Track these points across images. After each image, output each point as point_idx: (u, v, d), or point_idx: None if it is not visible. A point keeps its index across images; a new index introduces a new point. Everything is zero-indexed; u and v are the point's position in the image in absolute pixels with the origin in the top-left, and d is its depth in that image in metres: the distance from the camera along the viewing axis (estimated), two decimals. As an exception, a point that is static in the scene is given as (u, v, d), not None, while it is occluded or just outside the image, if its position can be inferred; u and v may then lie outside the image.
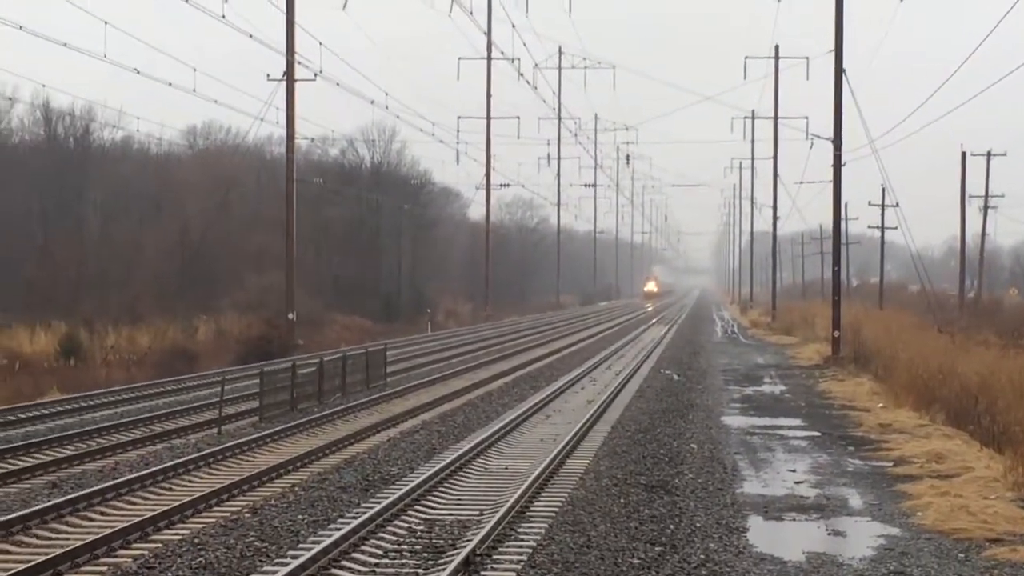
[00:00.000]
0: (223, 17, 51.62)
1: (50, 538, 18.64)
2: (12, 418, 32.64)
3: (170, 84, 52.52)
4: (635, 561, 17.41)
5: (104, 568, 16.74)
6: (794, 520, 20.98)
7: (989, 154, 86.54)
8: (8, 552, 17.74)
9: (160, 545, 18.09)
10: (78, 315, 59.24)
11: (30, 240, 77.56)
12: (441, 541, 18.46)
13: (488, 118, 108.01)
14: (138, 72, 50.79)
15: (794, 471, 25.98)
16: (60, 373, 45.17)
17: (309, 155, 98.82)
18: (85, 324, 55.46)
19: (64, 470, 24.79)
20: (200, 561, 17.12)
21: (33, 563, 16.29)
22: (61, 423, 32.52)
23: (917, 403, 36.13)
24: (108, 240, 78.89)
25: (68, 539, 18.36)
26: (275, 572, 16.08)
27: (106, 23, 47.35)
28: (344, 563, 17.10)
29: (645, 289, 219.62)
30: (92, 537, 17.94)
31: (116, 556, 17.43)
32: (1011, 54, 50.54)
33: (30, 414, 33.69)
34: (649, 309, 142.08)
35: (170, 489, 22.71)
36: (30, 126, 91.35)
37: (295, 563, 16.39)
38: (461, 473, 24.58)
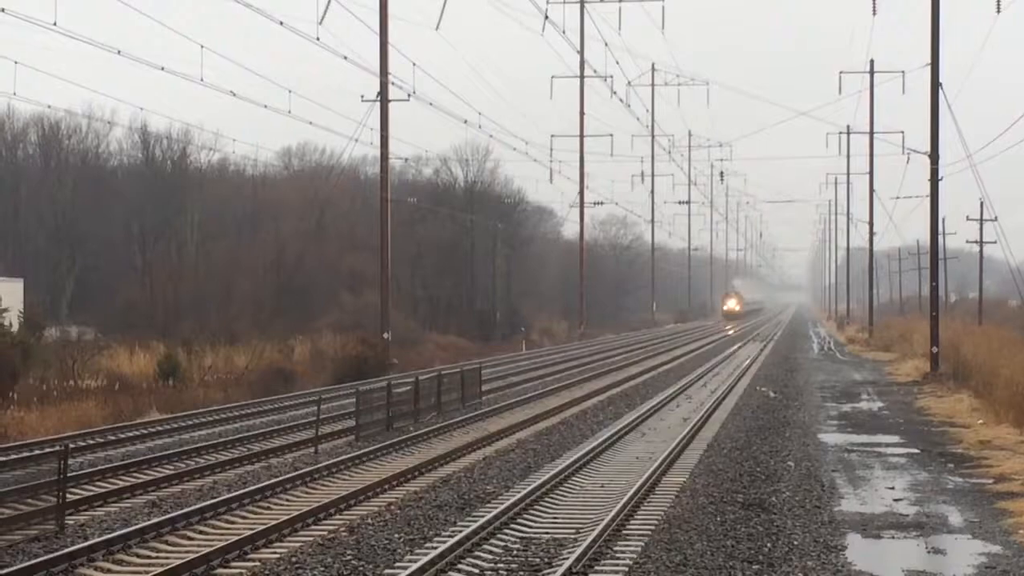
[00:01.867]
0: (318, 39, 52.12)
1: (150, 557, 18.82)
2: (112, 438, 33.04)
3: (265, 106, 53.04)
4: (732, 580, 17.33)
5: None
6: (893, 538, 20.77)
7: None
8: (109, 571, 17.95)
9: (258, 563, 18.20)
10: (176, 336, 59.86)
11: (129, 262, 78.56)
12: (537, 560, 18.44)
13: (581, 136, 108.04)
14: (234, 95, 51.24)
15: (893, 488, 25.75)
16: (158, 393, 45.61)
17: (403, 175, 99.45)
18: (183, 345, 55.99)
19: (164, 489, 25.03)
20: None
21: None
22: (160, 443, 32.84)
23: (1018, 419, 35.66)
24: (205, 261, 79.82)
25: (168, 558, 18.53)
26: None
27: (202, 47, 47.89)
28: (441, 581, 17.13)
29: (724, 308, 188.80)
30: (192, 556, 18.07)
31: (216, 575, 17.58)
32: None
33: (130, 434, 34.07)
34: (730, 333, 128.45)
35: (268, 508, 22.86)
36: (128, 149, 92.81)
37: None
38: (557, 492, 24.54)
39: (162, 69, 47.85)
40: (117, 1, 45.30)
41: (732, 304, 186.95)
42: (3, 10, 40.04)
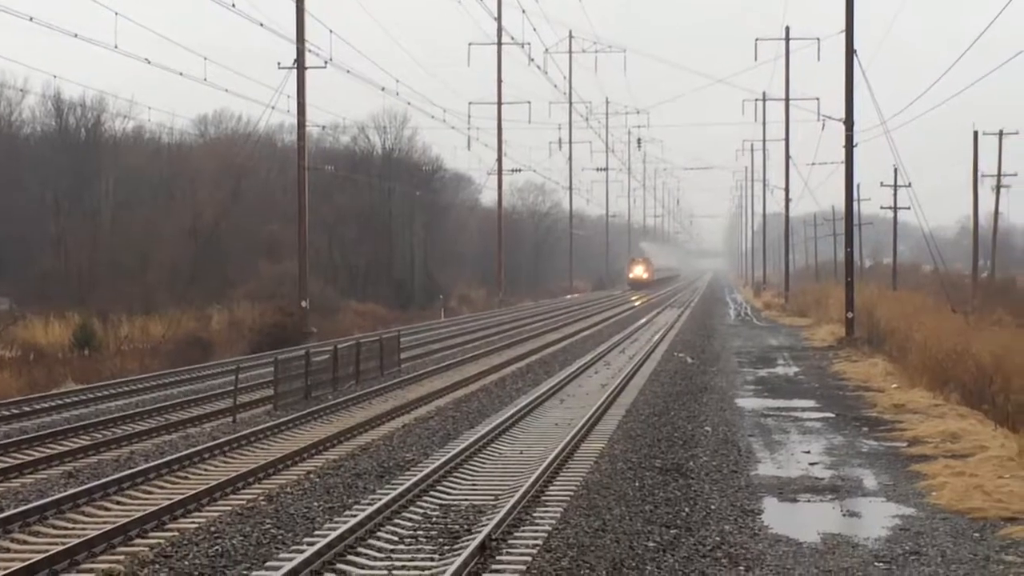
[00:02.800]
0: (233, 6, 51.73)
1: (67, 528, 18.69)
2: (28, 409, 32.75)
3: (181, 74, 52.54)
4: (650, 544, 17.43)
5: (121, 557, 16.78)
6: (809, 501, 20.99)
7: (1001, 133, 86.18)
8: (26, 542, 17.81)
9: (177, 534, 18.12)
10: (92, 306, 59.36)
11: (43, 231, 77.67)
12: (456, 527, 18.48)
13: (499, 103, 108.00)
14: (149, 62, 50.77)
15: (808, 452, 26.00)
16: (74, 364, 45.25)
17: (320, 143, 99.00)
18: (99, 315, 55.54)
19: (80, 460, 24.85)
20: (216, 549, 17.17)
21: (51, 552, 16.35)
22: (76, 413, 32.59)
23: (931, 383, 36.12)
24: (121, 230, 79.07)
25: (85, 529, 18.41)
26: (291, 559, 16.09)
27: (116, 13, 47.39)
28: (360, 549, 17.13)
29: (630, 275, 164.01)
30: (109, 527, 17.98)
31: (133, 545, 17.47)
32: (1023, 32, 50.45)
33: (45, 405, 33.76)
34: (637, 303, 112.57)
35: (186, 478, 22.76)
36: (42, 117, 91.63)
37: (311, 550, 16.41)
38: (476, 459, 24.60)
39: (75, 36, 47.31)
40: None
41: (639, 271, 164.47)
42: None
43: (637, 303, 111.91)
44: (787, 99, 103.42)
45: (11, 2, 43.24)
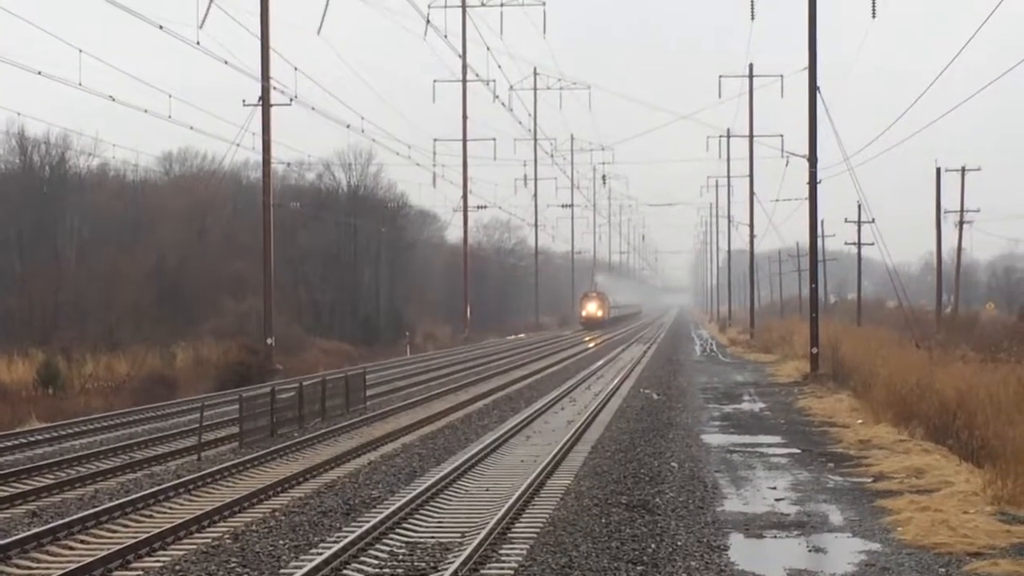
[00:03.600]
0: (198, 44, 51.75)
1: (31, 567, 18.60)
2: (-9, 449, 32.58)
3: (145, 111, 52.50)
4: (617, 581, 17.43)
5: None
6: (775, 537, 20.99)
7: (964, 169, 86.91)
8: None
9: (141, 572, 18.07)
10: (55, 343, 59.12)
11: (6, 269, 77.37)
12: (423, 564, 18.44)
13: (464, 140, 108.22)
14: (113, 99, 50.73)
15: (774, 488, 26.02)
16: (38, 402, 45.04)
17: (286, 180, 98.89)
18: (63, 352, 55.33)
19: (44, 499, 24.72)
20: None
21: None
22: (40, 452, 32.42)
23: (896, 419, 36.19)
24: (85, 268, 78.79)
25: (49, 569, 18.32)
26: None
27: (80, 51, 47.39)
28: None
29: (583, 314, 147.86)
30: (73, 566, 17.89)
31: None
32: (983, 69, 50.79)
33: (9, 443, 33.56)
34: (602, 341, 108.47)
35: (151, 516, 22.65)
36: (5, 154, 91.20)
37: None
38: (442, 496, 24.57)
39: (39, 73, 47.25)
40: (-2, 8, 44.70)
41: (592, 308, 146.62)
42: None
43: (601, 341, 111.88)
44: (751, 136, 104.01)
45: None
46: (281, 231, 70.42)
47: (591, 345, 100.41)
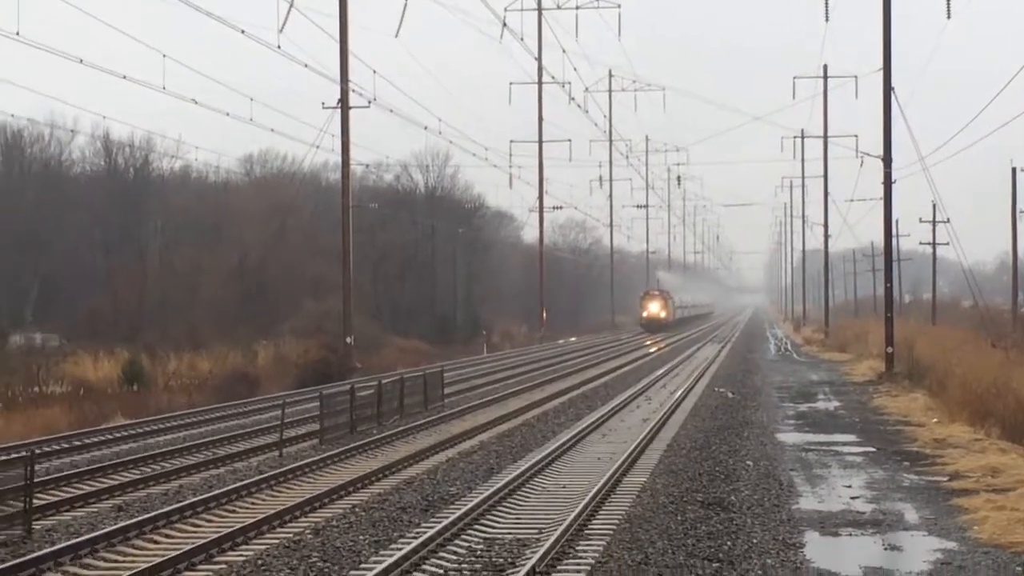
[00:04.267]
0: (279, 48, 52.10)
1: (117, 561, 18.76)
2: (78, 443, 32.92)
3: (227, 114, 52.90)
4: (693, 578, 17.40)
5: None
6: (851, 535, 20.87)
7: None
8: (76, 575, 17.90)
9: (224, 566, 18.17)
10: (140, 342, 59.67)
11: (92, 269, 78.18)
12: (501, 560, 18.45)
13: (540, 142, 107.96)
14: (196, 103, 51.14)
15: (850, 487, 25.86)
16: (123, 399, 45.48)
17: (364, 181, 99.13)
18: (147, 351, 55.85)
19: (130, 494, 24.96)
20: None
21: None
22: (125, 448, 32.73)
23: (971, 418, 35.89)
24: (168, 268, 79.54)
25: (135, 562, 18.46)
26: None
27: (164, 55, 47.81)
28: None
29: (643, 315, 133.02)
30: (158, 559, 18.03)
31: (182, 578, 17.56)
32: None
33: (95, 439, 33.95)
34: (678, 340, 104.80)
35: (233, 512, 22.81)
36: (91, 157, 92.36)
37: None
38: (519, 492, 24.56)
39: (124, 78, 47.71)
40: (79, 11, 45.15)
41: (655, 308, 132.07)
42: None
43: (676, 340, 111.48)
44: (825, 136, 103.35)
45: (62, 44, 43.64)
46: (360, 232, 70.66)
47: (665, 346, 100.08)
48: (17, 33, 39.12)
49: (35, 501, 21.54)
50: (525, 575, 16.71)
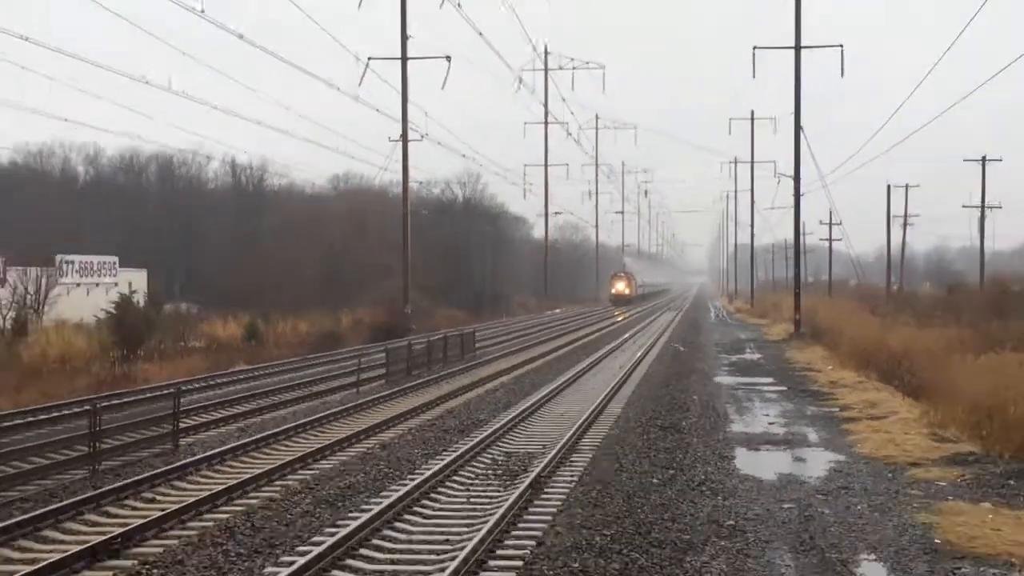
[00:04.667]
0: (358, 98, 52.26)
1: (240, 467, 18.88)
2: (212, 382, 33.03)
3: (321, 146, 53.14)
4: (655, 480, 17.42)
5: (279, 488, 16.92)
6: (768, 450, 20.91)
7: (907, 187, 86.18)
8: (212, 477, 17.99)
9: (318, 471, 18.27)
10: (256, 309, 59.66)
11: (222, 257, 78.29)
12: (516, 467, 18.53)
13: (546, 165, 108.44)
14: (295, 136, 51.19)
15: (768, 415, 25.89)
16: (244, 351, 45.54)
17: (418, 193, 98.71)
18: (262, 316, 55.81)
19: (249, 419, 25.08)
20: (346, 483, 17.28)
21: (230, 484, 16.55)
22: (246, 386, 32.81)
23: (857, 365, 35.92)
24: (278, 256, 79.47)
25: (253, 468, 18.58)
26: (398, 490, 16.17)
27: (278, 103, 48.03)
28: (448, 483, 17.20)
29: (612, 291, 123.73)
30: (270, 466, 18.14)
31: (286, 480, 17.63)
32: (929, 106, 49.82)
33: (224, 380, 34.05)
34: (646, 307, 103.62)
35: (324, 432, 22.90)
36: (221, 176, 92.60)
37: (413, 483, 16.52)
38: (530, 419, 24.63)
39: (257, 122, 48.18)
40: (218, 73, 45.53)
41: (620, 286, 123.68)
42: (145, 81, 40.33)
43: (642, 309, 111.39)
44: (752, 161, 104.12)
45: (197, 91, 43.91)
46: (414, 230, 70.50)
47: (638, 311, 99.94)
48: (170, 86, 39.25)
49: (181, 424, 21.68)
50: (533, 479, 16.75)
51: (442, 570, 12.17)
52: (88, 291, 57.92)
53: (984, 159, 71.62)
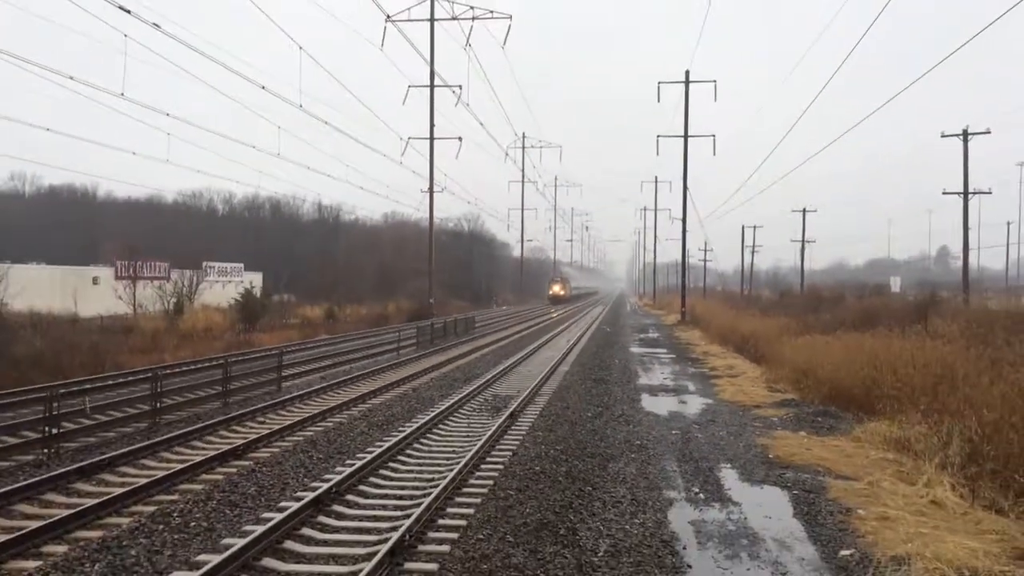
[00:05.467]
0: (400, 163, 52.07)
1: (320, 403, 18.80)
2: (302, 348, 32.85)
3: (377, 194, 52.86)
4: (589, 414, 17.42)
5: (345, 416, 16.87)
6: (663, 396, 20.91)
7: (755, 228, 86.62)
8: (302, 409, 17.92)
9: (370, 406, 18.19)
10: (333, 299, 59.44)
11: (317, 267, 78.02)
12: (500, 405, 18.51)
13: (522, 209, 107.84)
14: (362, 188, 51.04)
15: (663, 373, 25.89)
16: (324, 326, 45.35)
17: (441, 225, 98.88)
18: (336, 304, 55.64)
19: (327, 371, 24.92)
20: (389, 413, 17.23)
21: (313, 413, 16.49)
22: (325, 350, 32.61)
23: (721, 342, 35.99)
24: (347, 265, 79.24)
25: (328, 403, 18.52)
26: (424, 417, 16.18)
27: (347, 165, 47.65)
28: (457, 413, 17.17)
29: (549, 292, 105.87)
30: (339, 401, 18.08)
31: (351, 411, 17.55)
32: (775, 170, 50.26)
33: (310, 345, 33.88)
34: (578, 305, 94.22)
35: (374, 380, 22.78)
36: (311, 213, 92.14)
37: (434, 412, 16.50)
38: (510, 372, 24.60)
39: (327, 175, 47.75)
40: (310, 144, 45.23)
41: (557, 288, 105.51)
42: (254, 146, 39.77)
43: (587, 303, 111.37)
44: (655, 208, 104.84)
45: (288, 153, 43.71)
46: (436, 250, 70.46)
47: (579, 304, 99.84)
48: (279, 154, 38.97)
49: (283, 373, 21.60)
50: (511, 412, 16.74)
51: (452, 468, 12.19)
52: (223, 286, 57.70)
53: (804, 210, 71.86)
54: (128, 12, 19.59)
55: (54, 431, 13.44)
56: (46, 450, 13.17)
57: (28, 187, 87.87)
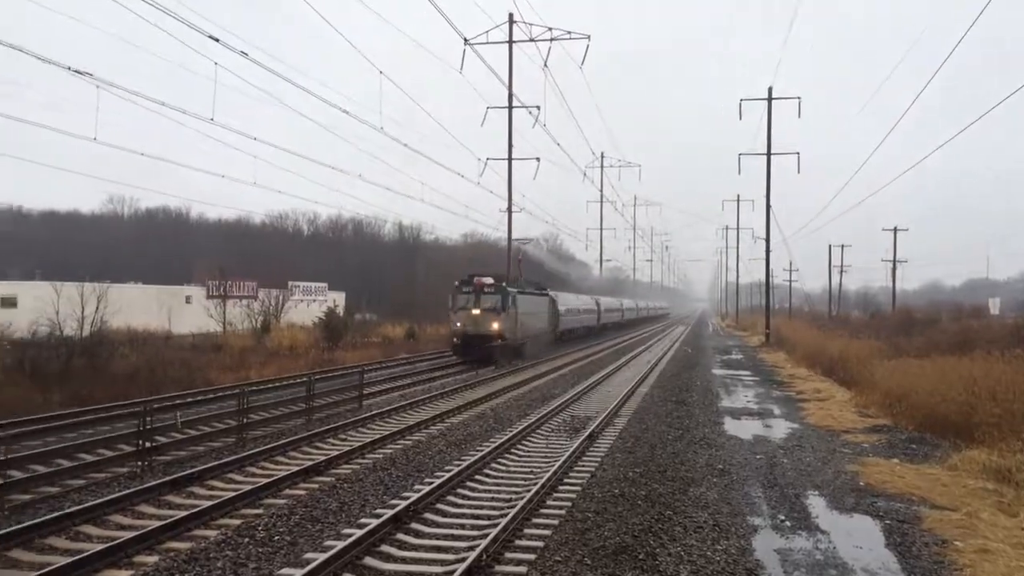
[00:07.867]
0: (478, 184, 52.63)
1: (400, 420, 19.01)
2: (383, 367, 33.35)
3: (455, 213, 53.56)
4: (670, 437, 17.17)
5: (423, 435, 17.02)
6: (747, 419, 20.46)
7: (843, 247, 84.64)
8: (382, 426, 18.16)
9: (448, 424, 18.34)
10: (413, 318, 60.27)
11: (393, 287, 79.33)
12: (578, 425, 18.41)
13: (601, 228, 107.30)
14: (440, 208, 51.86)
15: (747, 396, 25.33)
16: (405, 345, 45.98)
17: (519, 244, 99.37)
18: (416, 323, 56.39)
19: (406, 389, 25.25)
20: (468, 432, 17.33)
21: (393, 431, 16.69)
22: (405, 368, 33.06)
23: (808, 364, 35.02)
24: (427, 285, 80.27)
25: (407, 421, 18.72)
26: (502, 438, 16.20)
27: (422, 183, 48.49)
28: (534, 434, 17.14)
29: (454, 325, 34.67)
30: (418, 419, 18.27)
31: (429, 429, 17.72)
32: (860, 190, 48.65)
33: (391, 364, 34.38)
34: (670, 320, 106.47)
35: (452, 398, 22.95)
36: (392, 233, 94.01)
37: (511, 432, 16.51)
38: (588, 394, 24.45)
39: (409, 197, 48.64)
40: (392, 167, 46.10)
41: (469, 316, 34.96)
42: (339, 169, 40.93)
43: (664, 326, 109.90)
44: (738, 228, 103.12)
45: (370, 175, 44.65)
46: (516, 269, 70.81)
47: (661, 325, 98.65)
48: (361, 176, 40.03)
49: (364, 391, 21.96)
50: (590, 433, 16.64)
51: (529, 488, 12.16)
52: (308, 304, 59.33)
53: (896, 228, 69.58)
54: (217, 40, 20.43)
55: (147, 444, 13.99)
56: (140, 463, 13.71)
57: (126, 209, 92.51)
